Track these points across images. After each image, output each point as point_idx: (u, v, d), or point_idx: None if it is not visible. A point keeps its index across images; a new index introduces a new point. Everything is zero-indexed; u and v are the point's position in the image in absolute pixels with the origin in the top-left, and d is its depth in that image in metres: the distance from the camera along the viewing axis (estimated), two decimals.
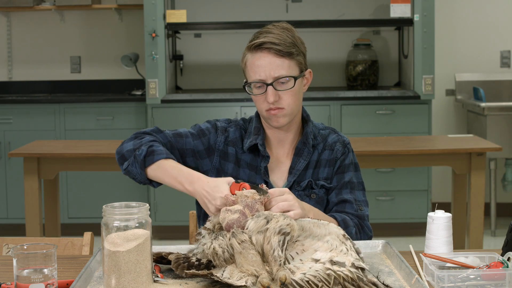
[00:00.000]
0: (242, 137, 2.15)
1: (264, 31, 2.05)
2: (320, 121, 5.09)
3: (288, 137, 2.14)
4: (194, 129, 2.15)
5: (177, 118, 5.15)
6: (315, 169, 2.13)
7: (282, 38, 2.02)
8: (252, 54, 2.04)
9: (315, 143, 2.14)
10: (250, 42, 2.06)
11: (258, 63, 2.02)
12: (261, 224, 1.64)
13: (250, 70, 2.04)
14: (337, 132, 2.21)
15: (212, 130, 2.15)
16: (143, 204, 1.61)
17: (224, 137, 2.14)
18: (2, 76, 5.88)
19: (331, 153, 2.14)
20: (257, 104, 2.07)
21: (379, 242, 1.94)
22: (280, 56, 2.01)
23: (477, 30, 5.71)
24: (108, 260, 1.55)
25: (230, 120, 2.19)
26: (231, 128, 2.15)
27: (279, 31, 2.04)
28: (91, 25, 5.84)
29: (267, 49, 2.01)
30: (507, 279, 1.62)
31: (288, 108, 2.05)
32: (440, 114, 5.72)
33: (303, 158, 2.11)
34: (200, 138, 2.12)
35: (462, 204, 4.24)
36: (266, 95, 2.03)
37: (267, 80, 2.02)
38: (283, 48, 2.01)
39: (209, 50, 5.74)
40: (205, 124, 2.17)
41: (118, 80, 5.83)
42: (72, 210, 5.32)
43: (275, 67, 2.01)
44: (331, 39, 5.70)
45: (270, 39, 2.01)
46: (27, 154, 3.92)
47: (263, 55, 2.01)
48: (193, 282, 1.66)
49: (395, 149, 3.94)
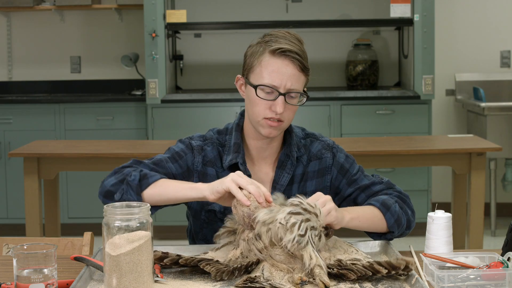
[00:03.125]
0: (220, 154, 2.05)
1: (281, 36, 1.96)
2: (320, 121, 5.14)
3: (271, 148, 2.05)
4: (169, 153, 2.05)
5: (177, 118, 5.15)
6: (301, 182, 2.05)
7: (302, 50, 1.95)
8: (272, 57, 1.94)
9: (299, 154, 2.06)
10: (266, 42, 1.96)
11: (278, 69, 1.93)
12: (268, 217, 1.69)
13: (265, 71, 1.94)
14: (318, 138, 2.12)
15: (188, 151, 2.04)
16: (144, 204, 1.61)
17: (201, 157, 2.04)
18: (2, 76, 5.88)
19: (319, 163, 2.07)
20: (256, 107, 1.97)
21: (379, 242, 1.95)
22: (300, 70, 1.95)
23: (477, 30, 5.71)
24: (109, 260, 1.55)
25: (205, 137, 2.07)
26: (208, 147, 2.05)
27: (297, 42, 1.97)
28: (91, 25, 5.84)
29: (291, 58, 1.93)
30: (507, 279, 1.62)
31: (287, 122, 1.99)
32: (440, 114, 5.72)
33: (286, 172, 2.04)
34: (177, 161, 2.03)
35: (462, 204, 4.24)
36: (273, 104, 1.94)
37: (280, 89, 1.94)
38: (305, 62, 1.95)
39: (209, 50, 5.75)
40: (178, 146, 2.06)
41: (118, 80, 5.83)
42: (72, 210, 5.32)
43: (292, 79, 1.94)
44: (331, 39, 5.70)
45: (295, 48, 1.94)
46: (27, 154, 3.92)
47: (285, 63, 1.93)
48: (193, 282, 1.67)
49: (395, 149, 3.93)
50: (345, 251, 1.78)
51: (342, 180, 2.07)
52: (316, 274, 1.60)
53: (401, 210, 1.99)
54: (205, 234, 2.07)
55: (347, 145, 3.93)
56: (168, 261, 1.72)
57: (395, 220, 1.96)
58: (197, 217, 2.08)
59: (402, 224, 1.98)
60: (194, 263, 1.70)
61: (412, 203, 2.06)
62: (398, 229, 1.97)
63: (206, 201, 1.88)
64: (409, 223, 2.01)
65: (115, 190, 1.94)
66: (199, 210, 2.07)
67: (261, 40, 1.99)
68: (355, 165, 2.11)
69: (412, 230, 2.05)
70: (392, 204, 1.98)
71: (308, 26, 5.40)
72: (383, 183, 2.07)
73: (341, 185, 2.07)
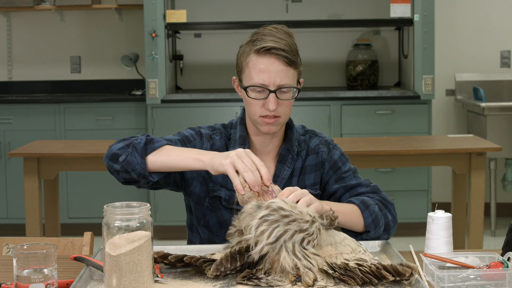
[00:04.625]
0: (226, 145, 2.08)
1: (267, 33, 1.98)
2: (320, 121, 5.14)
3: (273, 143, 2.09)
4: (179, 136, 2.08)
5: (177, 118, 5.15)
6: (300, 176, 2.09)
7: (288, 44, 1.96)
8: (258, 56, 1.96)
9: (299, 149, 2.10)
10: (253, 42, 1.99)
11: (265, 67, 1.95)
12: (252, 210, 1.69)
13: (253, 71, 1.97)
14: (317, 134, 2.16)
15: (197, 137, 2.07)
16: (144, 204, 1.61)
17: (209, 144, 2.07)
18: (2, 76, 5.88)
19: (316, 157, 2.11)
20: (251, 107, 2.00)
21: (379, 242, 1.95)
22: (287, 65, 1.96)
23: (477, 30, 5.72)
24: (109, 260, 1.55)
25: (213, 127, 2.12)
26: (216, 136, 2.09)
27: (284, 36, 1.98)
28: (91, 25, 5.84)
29: (275, 55, 1.95)
30: (507, 279, 1.62)
31: (284, 117, 2.01)
32: (440, 114, 5.72)
33: (287, 166, 2.07)
34: (186, 144, 2.05)
35: (462, 204, 4.24)
36: (265, 102, 1.97)
37: (270, 87, 1.96)
38: (291, 56, 1.96)
39: (209, 50, 5.75)
40: (188, 131, 2.09)
41: (118, 80, 5.84)
42: (72, 210, 5.32)
43: (281, 75, 1.95)
44: (331, 39, 5.70)
45: (280, 45, 1.95)
46: (27, 154, 3.92)
47: (271, 61, 1.95)
48: (193, 282, 1.67)
49: (395, 149, 3.93)
50: (352, 250, 1.77)
51: (332, 176, 2.11)
52: (301, 274, 1.61)
53: (380, 212, 2.01)
54: (208, 220, 2.08)
55: (347, 145, 3.93)
56: (173, 258, 1.72)
57: (373, 220, 1.98)
58: (201, 203, 2.08)
59: (379, 225, 2.00)
60: (200, 264, 1.70)
61: (396, 212, 2.08)
62: (374, 230, 1.99)
63: (212, 188, 2.01)
64: (388, 227, 2.03)
65: (121, 153, 1.94)
66: (203, 196, 2.08)
67: (249, 39, 2.02)
68: (348, 164, 2.13)
69: (412, 230, 2.04)
70: (371, 204, 2.00)
71: (308, 26, 5.40)
72: (370, 187, 2.09)
73: (330, 181, 2.11)
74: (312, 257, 1.64)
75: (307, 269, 1.61)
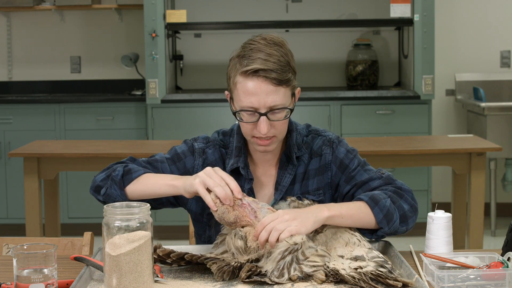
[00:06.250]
0: (222, 157, 2.02)
1: (255, 49, 1.87)
2: (320, 121, 5.14)
3: (272, 151, 2.00)
4: (170, 154, 2.05)
5: (177, 118, 5.15)
6: (303, 181, 2.01)
7: (277, 61, 1.85)
8: (245, 78, 1.86)
9: (299, 154, 2.01)
10: (240, 59, 1.88)
11: (253, 90, 1.85)
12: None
13: (241, 94, 1.87)
14: (320, 133, 2.06)
15: (188, 153, 2.03)
16: (144, 204, 1.61)
17: (202, 159, 2.02)
18: (2, 76, 5.88)
19: (319, 160, 2.02)
20: (243, 128, 1.92)
21: (379, 243, 1.94)
22: (276, 85, 1.85)
23: (477, 30, 5.71)
24: (109, 260, 1.55)
25: (208, 139, 2.05)
26: (209, 149, 2.02)
27: (274, 49, 1.87)
28: (91, 25, 5.84)
29: (263, 77, 1.84)
30: (507, 279, 1.62)
31: (280, 135, 1.94)
32: (440, 114, 5.72)
33: (288, 172, 1.99)
34: (175, 163, 2.02)
35: (462, 204, 4.24)
36: (257, 125, 1.88)
37: (260, 109, 1.86)
38: (280, 76, 1.85)
39: (209, 50, 5.74)
40: (181, 147, 2.04)
41: (118, 80, 5.83)
42: (72, 210, 5.32)
43: (271, 96, 1.85)
44: (331, 39, 5.70)
45: (267, 65, 1.84)
46: (27, 154, 3.92)
47: (258, 83, 1.84)
48: (193, 282, 1.67)
49: (395, 149, 3.93)
50: (346, 243, 1.75)
51: (342, 177, 2.01)
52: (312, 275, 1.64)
53: (393, 206, 1.89)
54: (210, 235, 2.05)
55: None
56: (175, 255, 1.72)
57: (384, 215, 1.86)
58: (199, 220, 2.06)
59: (393, 220, 1.87)
60: (201, 261, 1.70)
61: (415, 199, 1.96)
62: (388, 225, 1.87)
63: (207, 204, 1.84)
64: (405, 218, 1.91)
65: (103, 185, 1.97)
66: (199, 213, 2.05)
67: (238, 53, 1.91)
68: (356, 159, 2.02)
69: (412, 230, 2.00)
70: (382, 198, 1.88)
71: (308, 26, 5.39)
72: (383, 178, 1.98)
73: (340, 182, 2.01)
74: (313, 258, 1.66)
75: (314, 267, 1.64)
